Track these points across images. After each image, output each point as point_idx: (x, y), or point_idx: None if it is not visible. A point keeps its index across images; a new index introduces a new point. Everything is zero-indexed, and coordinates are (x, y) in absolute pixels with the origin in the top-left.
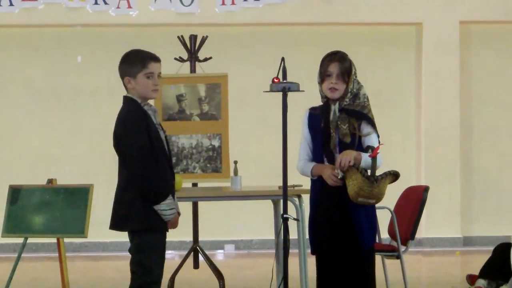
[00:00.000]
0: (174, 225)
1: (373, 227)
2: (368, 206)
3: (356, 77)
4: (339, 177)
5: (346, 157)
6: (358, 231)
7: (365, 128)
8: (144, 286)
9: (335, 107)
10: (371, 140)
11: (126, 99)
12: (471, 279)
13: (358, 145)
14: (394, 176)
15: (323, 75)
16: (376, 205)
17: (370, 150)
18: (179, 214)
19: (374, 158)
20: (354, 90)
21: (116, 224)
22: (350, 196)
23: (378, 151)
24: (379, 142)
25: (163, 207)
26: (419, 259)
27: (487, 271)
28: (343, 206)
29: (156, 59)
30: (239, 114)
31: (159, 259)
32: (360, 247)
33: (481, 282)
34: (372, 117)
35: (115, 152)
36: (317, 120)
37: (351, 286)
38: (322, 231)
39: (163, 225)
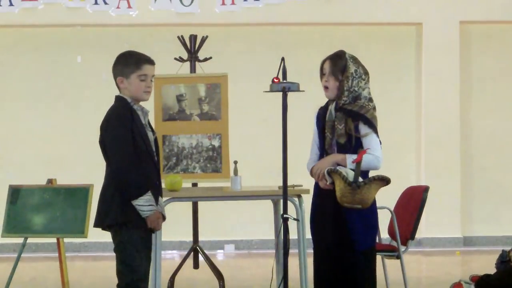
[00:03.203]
0: (154, 224)
1: (370, 228)
2: (366, 208)
3: (358, 76)
4: (328, 183)
5: (317, 169)
6: (351, 232)
7: (363, 129)
8: (131, 285)
9: (331, 107)
10: (368, 141)
11: (117, 99)
12: (473, 279)
13: (355, 146)
14: (382, 181)
15: (320, 74)
16: (376, 205)
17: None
18: (164, 218)
19: (358, 163)
20: (355, 89)
21: (98, 220)
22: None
23: (362, 156)
24: (380, 143)
25: (141, 202)
26: (419, 259)
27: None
28: (338, 206)
29: (151, 62)
30: (239, 114)
31: (142, 256)
32: (353, 248)
33: None
34: (370, 117)
35: None
36: (322, 119)
37: (344, 287)
38: (318, 231)
39: (143, 221)
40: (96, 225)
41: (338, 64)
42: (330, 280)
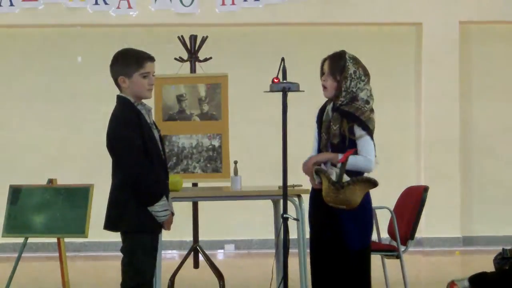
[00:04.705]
0: (168, 226)
1: (363, 228)
2: (359, 208)
3: (356, 77)
4: (316, 182)
5: (305, 164)
6: (344, 232)
7: (357, 131)
8: None
9: (329, 107)
10: (362, 143)
11: (120, 99)
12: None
13: (348, 147)
14: (367, 182)
15: (320, 73)
16: (376, 205)
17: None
18: (173, 214)
19: (342, 164)
20: (353, 90)
21: (110, 224)
22: None
23: (347, 157)
24: (374, 145)
25: (157, 209)
26: (419, 259)
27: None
28: (332, 206)
29: (152, 58)
30: (239, 114)
31: (150, 260)
32: (344, 248)
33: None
34: (365, 120)
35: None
36: (321, 119)
37: (338, 286)
38: (313, 230)
39: (156, 226)
40: (107, 228)
41: (337, 64)
42: (325, 279)
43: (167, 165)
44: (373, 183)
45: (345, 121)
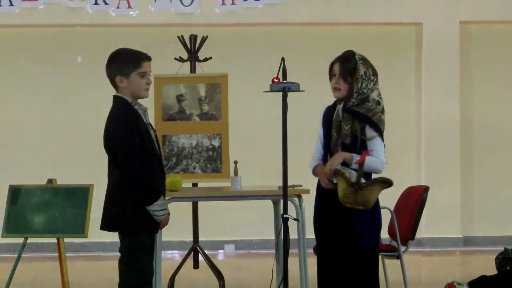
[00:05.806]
0: (165, 225)
1: (375, 228)
2: (371, 208)
3: (367, 77)
4: (334, 182)
5: (328, 165)
6: (357, 232)
7: (369, 132)
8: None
9: (339, 107)
10: (373, 144)
11: (116, 99)
12: None
13: (360, 147)
14: (384, 183)
15: (330, 75)
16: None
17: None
18: (168, 213)
19: (360, 165)
20: (364, 90)
21: (107, 224)
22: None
23: (364, 158)
24: (384, 146)
25: (156, 208)
26: (419, 259)
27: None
28: (342, 206)
29: (148, 58)
30: (239, 114)
31: (149, 259)
32: (357, 249)
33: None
34: (377, 121)
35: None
36: (329, 118)
37: (347, 287)
38: (323, 231)
39: (154, 226)
40: (105, 228)
41: (348, 66)
42: (335, 280)
43: (163, 165)
44: (389, 184)
45: (356, 121)
